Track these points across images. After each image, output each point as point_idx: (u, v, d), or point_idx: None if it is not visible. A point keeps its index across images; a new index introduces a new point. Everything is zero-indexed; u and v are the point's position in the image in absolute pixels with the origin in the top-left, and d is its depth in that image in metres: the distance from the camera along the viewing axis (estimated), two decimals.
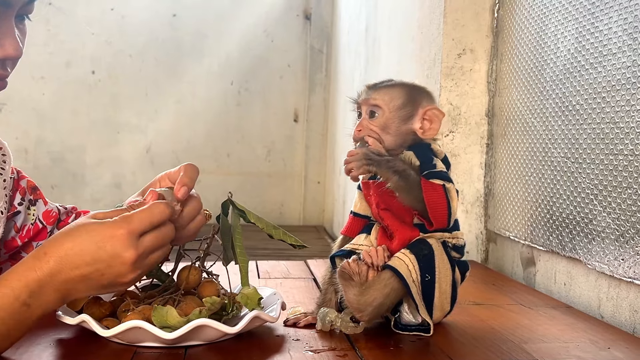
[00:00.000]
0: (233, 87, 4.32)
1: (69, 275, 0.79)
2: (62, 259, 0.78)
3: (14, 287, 0.77)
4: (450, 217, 0.97)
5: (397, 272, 0.93)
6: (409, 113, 1.00)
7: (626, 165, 1.12)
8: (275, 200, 4.36)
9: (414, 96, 1.01)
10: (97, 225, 0.80)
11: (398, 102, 1.00)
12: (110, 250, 0.79)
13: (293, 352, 0.88)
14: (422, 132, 1.00)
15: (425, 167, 0.98)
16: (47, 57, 4.15)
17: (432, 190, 0.95)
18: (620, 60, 1.14)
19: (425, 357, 0.89)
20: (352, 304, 0.94)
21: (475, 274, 1.07)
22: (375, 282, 0.94)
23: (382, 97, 1.01)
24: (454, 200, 0.97)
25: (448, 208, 0.96)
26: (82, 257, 0.79)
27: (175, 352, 0.86)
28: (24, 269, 0.78)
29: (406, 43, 2.17)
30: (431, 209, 0.95)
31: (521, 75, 1.55)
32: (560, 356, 0.90)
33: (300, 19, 4.38)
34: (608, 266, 1.17)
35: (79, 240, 0.79)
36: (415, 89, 1.03)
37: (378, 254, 0.96)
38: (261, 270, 1.46)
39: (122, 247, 0.79)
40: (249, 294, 0.95)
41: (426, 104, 1.01)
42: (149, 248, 0.82)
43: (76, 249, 0.79)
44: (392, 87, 1.02)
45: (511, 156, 1.60)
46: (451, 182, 0.97)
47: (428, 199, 0.95)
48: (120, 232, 0.79)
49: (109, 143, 4.25)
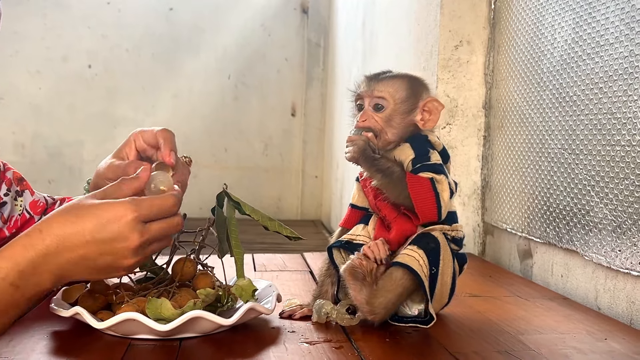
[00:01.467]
0: (230, 81, 4.31)
1: (66, 256, 0.76)
2: (59, 238, 0.75)
3: (2, 267, 0.73)
4: (440, 209, 0.96)
5: (412, 269, 0.92)
6: (411, 105, 1.00)
7: (623, 155, 1.12)
8: (273, 194, 4.36)
9: (415, 88, 1.01)
10: (102, 205, 0.77)
11: (402, 94, 1.00)
12: (115, 231, 0.76)
13: (288, 344, 0.88)
14: (423, 123, 1.00)
15: (419, 160, 0.97)
16: (43, 52, 4.14)
17: (418, 185, 0.95)
18: (618, 51, 1.14)
19: (422, 348, 0.88)
20: (363, 307, 0.92)
21: (472, 267, 1.07)
22: (387, 283, 0.93)
23: (387, 89, 1.00)
24: (445, 192, 0.95)
25: (437, 201, 0.95)
26: (83, 236, 0.76)
27: (169, 344, 0.86)
28: (15, 248, 0.74)
29: (403, 35, 2.16)
30: (417, 203, 0.95)
31: (518, 66, 1.55)
32: (557, 347, 0.90)
33: (298, 13, 4.37)
34: (605, 257, 1.16)
35: (80, 219, 0.76)
36: (416, 80, 1.03)
37: (379, 248, 0.95)
38: (257, 263, 1.45)
39: (128, 230, 0.77)
40: (243, 285, 0.95)
41: (426, 96, 1.01)
42: (153, 237, 0.80)
43: (77, 227, 0.75)
44: (395, 78, 1.01)
45: (508, 148, 1.59)
46: (444, 174, 0.96)
47: (413, 193, 0.94)
48: (129, 215, 0.77)
49: (106, 138, 4.23)
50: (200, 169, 4.29)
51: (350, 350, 0.86)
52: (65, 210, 0.78)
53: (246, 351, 0.84)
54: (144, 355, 0.82)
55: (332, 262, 1.02)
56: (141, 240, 0.78)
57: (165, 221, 0.81)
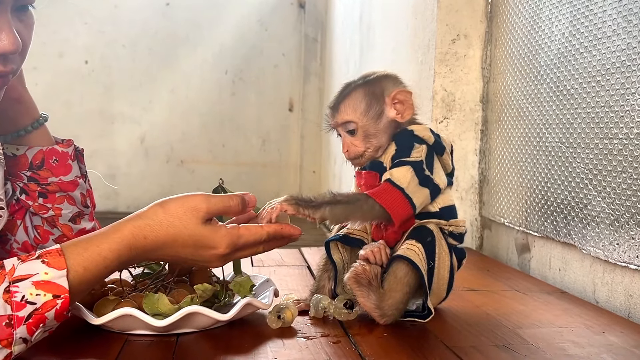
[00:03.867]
0: (227, 76, 4.30)
1: (161, 255, 0.83)
2: (159, 246, 0.81)
3: (106, 257, 0.78)
4: (411, 200, 0.93)
5: (414, 263, 0.92)
6: (378, 109, 0.98)
7: (621, 149, 1.11)
8: (271, 190, 4.35)
9: (372, 91, 0.99)
10: (203, 230, 0.83)
11: (362, 106, 0.98)
12: (205, 257, 0.84)
13: (286, 339, 0.87)
14: (400, 116, 0.99)
15: (398, 156, 0.96)
16: (39, 47, 4.12)
17: (383, 193, 0.93)
18: (615, 44, 1.13)
19: (420, 343, 0.88)
20: (373, 312, 0.92)
21: (469, 261, 1.07)
22: (392, 283, 0.92)
23: (346, 111, 0.99)
24: (410, 183, 0.93)
25: (403, 194, 0.93)
26: (177, 250, 0.82)
27: (166, 339, 0.86)
28: (120, 243, 0.79)
29: (400, 29, 2.15)
30: (391, 208, 0.93)
31: (515, 60, 1.54)
32: (555, 341, 0.90)
33: (295, 8, 4.36)
34: (603, 251, 1.16)
35: (180, 237, 0.82)
36: (370, 82, 1.00)
37: (382, 254, 0.95)
38: (255, 258, 1.45)
39: (216, 259, 0.85)
40: (241, 281, 0.95)
41: (391, 89, 0.99)
42: (238, 257, 0.90)
43: (176, 244, 0.82)
44: (350, 95, 0.99)
45: (506, 142, 1.59)
46: (411, 167, 0.94)
47: (384, 203, 0.93)
48: (220, 250, 0.84)
49: (103, 134, 4.23)
50: (197, 165, 4.29)
51: (348, 344, 0.86)
52: (171, 221, 0.82)
53: (243, 346, 0.84)
54: (140, 351, 0.82)
55: (329, 256, 1.02)
56: (225, 260, 0.87)
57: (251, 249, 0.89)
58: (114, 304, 0.88)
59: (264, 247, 0.90)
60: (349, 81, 1.02)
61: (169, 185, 4.18)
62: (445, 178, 0.99)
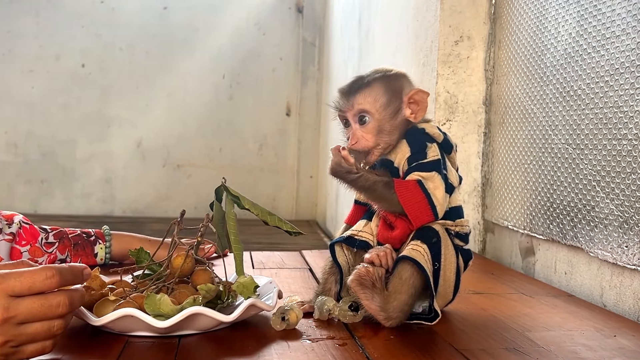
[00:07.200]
0: (225, 80, 4.29)
1: None
2: None
3: None
4: (435, 209, 0.93)
5: (419, 264, 0.90)
6: (397, 106, 0.97)
7: (630, 150, 1.10)
8: (268, 194, 4.33)
9: (394, 87, 0.98)
10: None
11: (383, 100, 0.97)
12: None
13: (290, 342, 0.85)
14: (414, 116, 0.98)
15: (415, 158, 0.95)
16: (36, 50, 4.10)
17: (406, 191, 0.92)
18: (624, 43, 1.12)
19: (427, 345, 0.86)
20: (378, 314, 0.90)
21: (473, 264, 1.05)
22: (397, 285, 0.90)
23: (366, 99, 0.97)
24: (437, 189, 0.93)
25: (429, 202, 0.92)
26: None
27: (168, 341, 0.83)
28: None
29: (401, 31, 2.14)
30: (408, 209, 0.92)
31: (520, 61, 1.53)
32: (566, 344, 0.88)
33: (292, 12, 4.35)
34: (611, 254, 1.14)
35: None
36: (392, 78, 0.99)
37: (387, 257, 0.93)
38: (256, 261, 1.42)
39: None
40: (244, 282, 0.92)
41: (408, 89, 0.98)
42: (24, 315, 0.69)
43: None
44: (371, 85, 0.98)
45: (509, 144, 1.57)
46: (436, 171, 0.94)
47: (403, 200, 0.92)
48: None
49: (100, 137, 4.20)
50: (194, 169, 4.27)
51: (354, 347, 0.83)
52: None
53: (247, 348, 0.82)
54: (141, 353, 0.80)
55: (334, 259, 0.99)
56: (4, 316, 0.67)
57: (42, 297, 0.70)
58: (114, 304, 0.86)
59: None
60: (363, 74, 1.00)
61: (166, 189, 4.15)
62: (457, 176, 0.97)
